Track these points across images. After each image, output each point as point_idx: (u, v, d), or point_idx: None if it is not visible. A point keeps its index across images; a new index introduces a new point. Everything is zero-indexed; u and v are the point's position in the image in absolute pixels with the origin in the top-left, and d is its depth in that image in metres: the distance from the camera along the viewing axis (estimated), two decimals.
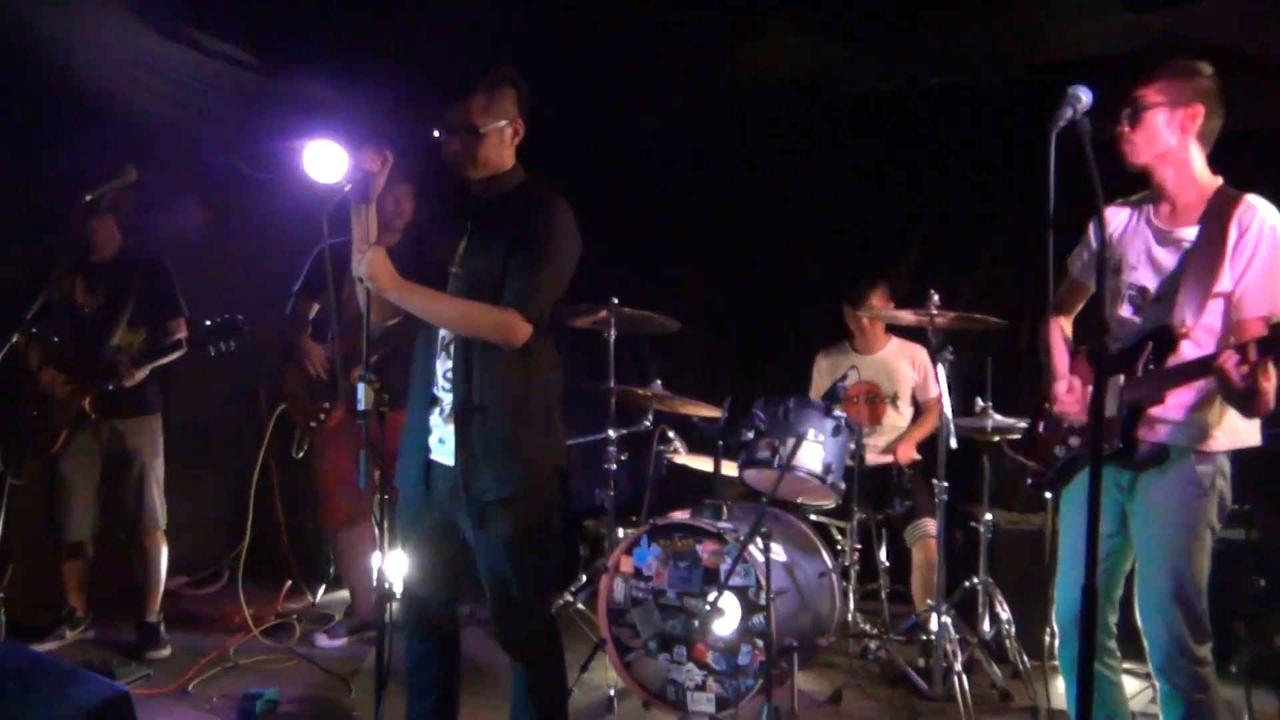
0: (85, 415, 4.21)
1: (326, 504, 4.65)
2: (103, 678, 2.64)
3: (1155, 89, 2.70)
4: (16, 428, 4.26)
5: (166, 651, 4.33)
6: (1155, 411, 2.65)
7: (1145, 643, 2.74)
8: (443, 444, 2.75)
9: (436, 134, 2.71)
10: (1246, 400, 2.45)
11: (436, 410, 2.77)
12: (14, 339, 3.60)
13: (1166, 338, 2.64)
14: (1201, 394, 2.65)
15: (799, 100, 5.35)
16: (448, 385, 2.74)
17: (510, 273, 2.65)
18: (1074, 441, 2.84)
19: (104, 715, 2.19)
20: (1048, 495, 3.75)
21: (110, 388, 4.17)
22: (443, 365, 2.76)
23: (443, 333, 2.76)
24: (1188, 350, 2.63)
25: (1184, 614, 2.65)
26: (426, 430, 2.79)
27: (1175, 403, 2.64)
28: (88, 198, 3.98)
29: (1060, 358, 3.00)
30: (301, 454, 4.56)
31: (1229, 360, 2.38)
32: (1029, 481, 3.05)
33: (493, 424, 2.67)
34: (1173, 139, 2.70)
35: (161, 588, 4.40)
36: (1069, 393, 2.88)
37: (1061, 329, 3.09)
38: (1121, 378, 2.67)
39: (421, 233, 2.91)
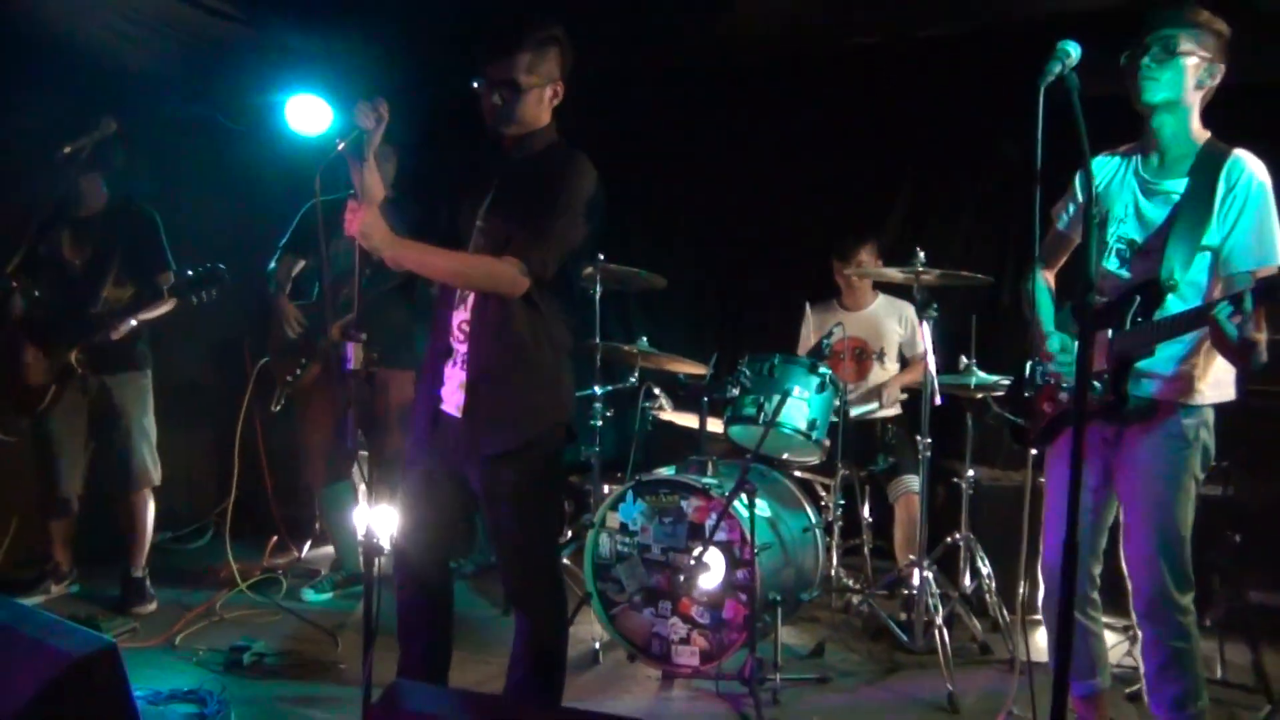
0: (73, 370, 4.19)
1: (310, 463, 4.67)
2: (89, 630, 2.65)
3: (1195, 39, 2.64)
4: (4, 384, 4.24)
5: (153, 606, 4.34)
6: (1143, 365, 2.66)
7: (1129, 591, 2.79)
8: (453, 395, 2.77)
9: (476, 85, 2.69)
10: (1241, 352, 2.45)
11: (450, 361, 2.79)
12: None
13: (1154, 290, 2.65)
14: (1188, 347, 2.67)
15: (785, 54, 5.30)
16: (461, 337, 2.76)
17: (526, 226, 2.64)
18: (1063, 398, 2.86)
19: (91, 667, 2.19)
20: (1033, 452, 3.77)
21: (97, 342, 4.14)
22: (458, 317, 2.77)
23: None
24: (1174, 305, 2.64)
25: (1167, 563, 2.70)
26: (439, 381, 2.81)
27: (1163, 356, 2.66)
28: (66, 150, 3.94)
29: (1046, 314, 3.00)
30: (278, 408, 4.56)
31: (1222, 311, 2.39)
32: (1014, 437, 3.07)
33: (500, 379, 2.69)
34: (1192, 91, 2.68)
35: (148, 543, 4.41)
36: (1063, 350, 2.88)
37: (1047, 282, 3.09)
38: (1109, 331, 2.68)
39: (440, 185, 2.90)
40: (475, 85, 2.68)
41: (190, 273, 4.05)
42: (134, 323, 4.17)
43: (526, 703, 2.77)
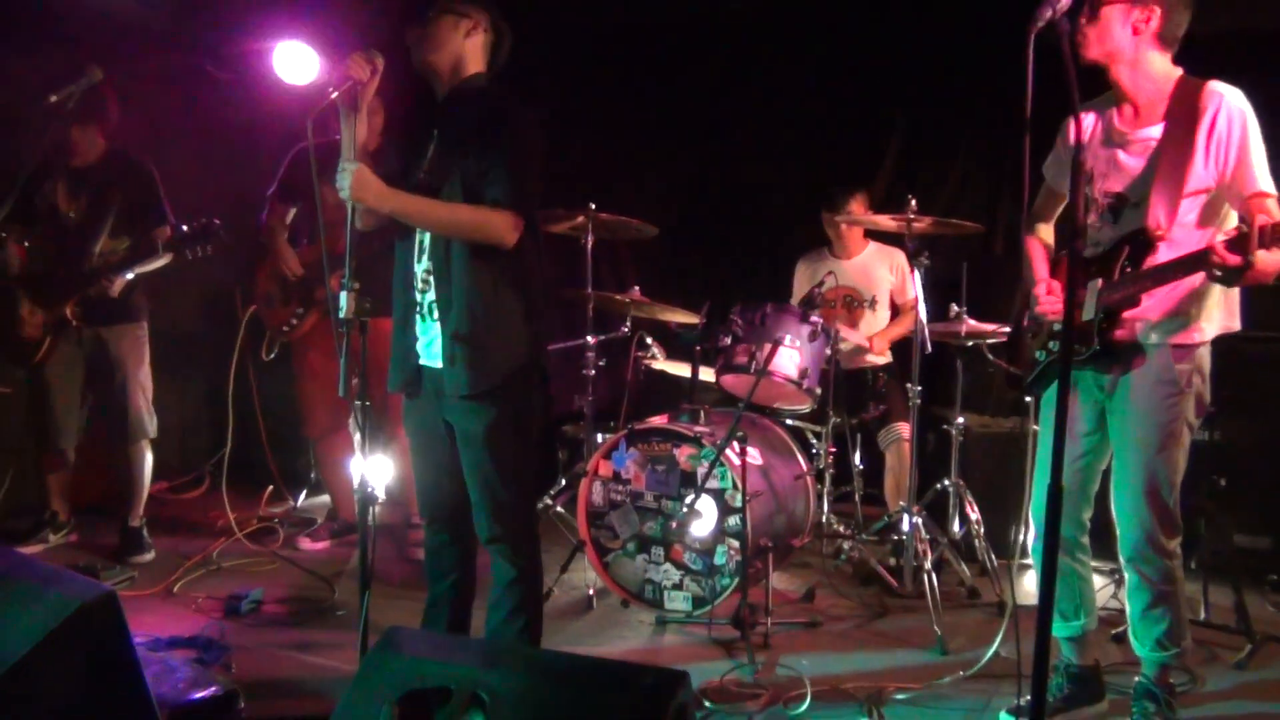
0: (68, 323, 4.18)
1: (307, 413, 4.67)
2: (89, 578, 2.67)
3: None
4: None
5: (150, 555, 4.37)
6: (1131, 312, 2.68)
7: (1117, 533, 2.82)
8: (428, 346, 2.83)
9: (408, 38, 2.77)
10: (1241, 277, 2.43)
11: (418, 313, 2.84)
12: None
13: (1143, 240, 2.65)
14: (1178, 289, 2.66)
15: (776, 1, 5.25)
16: (425, 286, 2.80)
17: (492, 175, 2.69)
18: (1054, 345, 2.87)
19: (90, 614, 2.21)
20: (1028, 399, 3.79)
21: (92, 295, 4.13)
22: (421, 267, 2.82)
23: (420, 236, 2.81)
24: (1164, 253, 2.64)
25: (1155, 508, 2.72)
26: (413, 336, 2.86)
27: (1152, 300, 2.66)
28: (53, 99, 3.89)
29: (1040, 265, 3.01)
30: (270, 356, 4.56)
31: (1218, 248, 2.38)
32: (1009, 383, 3.09)
33: (469, 322, 2.73)
34: (1125, 39, 2.65)
35: (145, 494, 4.43)
36: (1049, 294, 2.89)
37: (1040, 237, 3.09)
38: (1100, 281, 2.69)
39: (389, 140, 2.94)
40: (408, 38, 2.78)
41: (185, 227, 4.02)
42: (130, 276, 4.17)
43: (507, 645, 2.82)
